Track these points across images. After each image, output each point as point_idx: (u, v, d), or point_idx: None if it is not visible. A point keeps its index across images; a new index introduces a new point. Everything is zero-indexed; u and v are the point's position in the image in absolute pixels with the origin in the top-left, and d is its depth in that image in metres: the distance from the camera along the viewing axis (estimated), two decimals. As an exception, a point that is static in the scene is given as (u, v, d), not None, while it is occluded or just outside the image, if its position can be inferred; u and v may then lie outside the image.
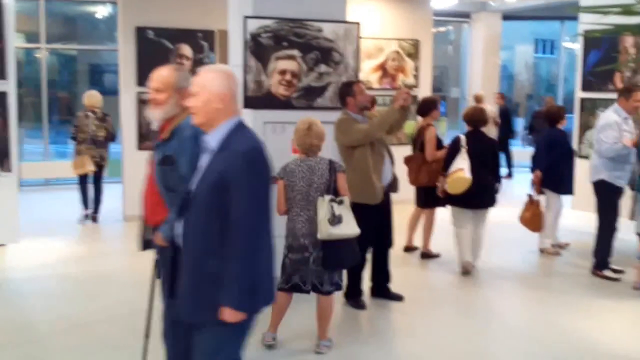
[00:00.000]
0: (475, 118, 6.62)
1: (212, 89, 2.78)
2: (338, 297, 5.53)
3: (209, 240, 2.72)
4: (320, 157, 4.48)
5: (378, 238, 5.52)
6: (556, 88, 17.20)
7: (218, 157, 2.76)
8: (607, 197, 6.38)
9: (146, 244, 3.63)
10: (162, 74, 3.45)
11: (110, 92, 11.38)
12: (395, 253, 6.59)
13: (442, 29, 17.40)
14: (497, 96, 13.20)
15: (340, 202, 4.37)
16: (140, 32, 8.77)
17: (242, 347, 2.89)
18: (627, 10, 2.66)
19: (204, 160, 2.85)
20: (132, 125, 8.86)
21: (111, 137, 8.60)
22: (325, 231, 4.26)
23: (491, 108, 12.18)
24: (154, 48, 8.78)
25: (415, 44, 10.72)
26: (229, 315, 2.67)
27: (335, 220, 4.29)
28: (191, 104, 2.83)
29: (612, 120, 6.25)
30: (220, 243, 2.68)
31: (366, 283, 5.67)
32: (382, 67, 10.52)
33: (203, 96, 2.78)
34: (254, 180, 2.69)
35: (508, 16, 14.59)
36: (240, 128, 2.83)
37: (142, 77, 8.14)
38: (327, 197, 4.32)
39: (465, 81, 15.01)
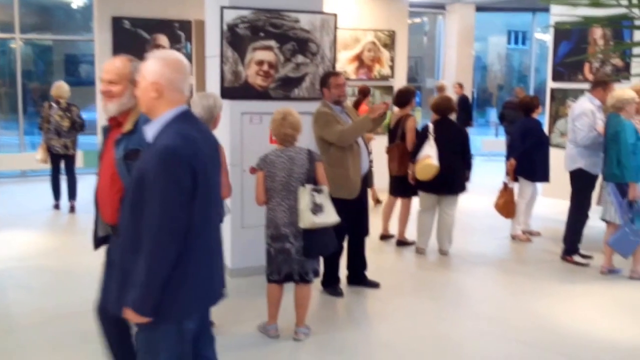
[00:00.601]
0: (443, 107, 6.79)
1: (147, 77, 2.64)
2: (316, 284, 5.64)
3: (131, 236, 2.63)
4: (299, 147, 4.56)
5: (354, 227, 5.63)
6: (528, 78, 17.41)
7: (146, 151, 2.64)
8: (584, 185, 6.52)
9: (100, 242, 3.55)
10: (115, 65, 3.31)
11: (87, 83, 11.33)
12: (372, 241, 6.71)
13: (417, 20, 17.52)
14: (455, 86, 13.38)
15: (320, 191, 4.45)
16: (116, 22, 8.76)
17: (178, 352, 2.70)
18: (595, 3, 2.76)
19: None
20: (109, 116, 8.81)
21: (78, 127, 8.57)
22: (308, 220, 4.34)
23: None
24: (131, 38, 8.77)
25: (391, 35, 10.83)
26: (129, 315, 2.56)
27: (317, 209, 4.37)
28: (137, 92, 2.72)
29: (587, 108, 6.40)
30: (139, 241, 2.56)
31: (343, 271, 5.78)
32: (359, 58, 10.63)
33: (141, 84, 2.66)
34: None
35: (481, 7, 14.75)
36: (176, 121, 2.64)
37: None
38: (309, 187, 4.40)
39: (440, 72, 15.16)
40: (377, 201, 9.05)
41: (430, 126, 6.70)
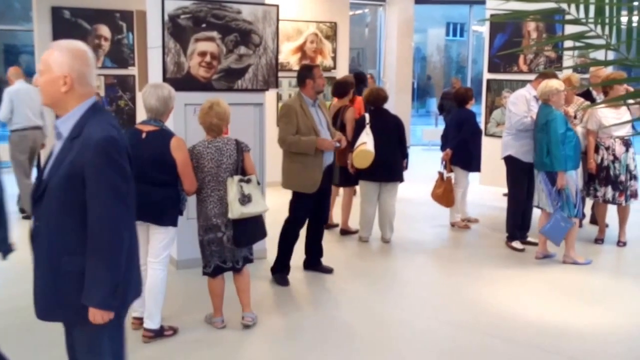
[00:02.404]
0: (373, 98, 6.96)
1: (55, 70, 2.54)
2: (266, 272, 5.74)
3: (66, 237, 2.54)
4: (227, 137, 4.58)
5: (314, 215, 5.77)
6: (466, 69, 17.79)
7: (70, 146, 2.55)
8: (514, 172, 6.80)
9: None
10: None
11: (28, 74, 11.04)
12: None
13: (358, 11, 17.68)
14: (369, 76, 13.59)
15: (249, 181, 4.49)
16: (56, 12, 8.59)
17: (121, 341, 2.78)
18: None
19: (57, 148, 2.63)
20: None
21: None
22: (237, 211, 4.38)
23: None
24: (71, 28, 8.61)
25: (333, 27, 10.94)
26: (97, 316, 2.52)
27: (245, 199, 4.41)
28: (39, 82, 2.63)
29: (521, 94, 6.72)
30: (79, 240, 2.51)
31: (295, 260, 5.86)
32: (301, 49, 10.70)
33: (47, 76, 2.56)
34: (110, 170, 2.50)
35: (421, 0, 15.01)
36: (93, 113, 2.60)
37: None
38: (236, 178, 4.43)
39: (381, 63, 15.36)
40: None
41: (367, 116, 6.87)
